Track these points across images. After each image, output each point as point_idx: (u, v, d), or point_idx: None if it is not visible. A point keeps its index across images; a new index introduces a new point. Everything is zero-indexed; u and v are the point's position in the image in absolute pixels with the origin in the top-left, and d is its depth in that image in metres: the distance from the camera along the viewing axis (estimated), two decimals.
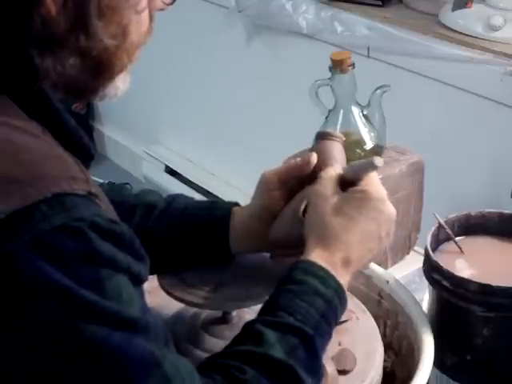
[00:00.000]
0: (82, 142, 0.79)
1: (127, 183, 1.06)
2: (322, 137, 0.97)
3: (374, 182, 0.91)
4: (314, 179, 0.93)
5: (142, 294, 0.74)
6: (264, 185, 0.97)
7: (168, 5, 0.83)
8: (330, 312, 0.84)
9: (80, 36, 0.75)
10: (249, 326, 0.82)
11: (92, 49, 0.76)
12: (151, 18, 0.82)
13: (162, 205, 1.01)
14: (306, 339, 0.80)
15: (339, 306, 0.85)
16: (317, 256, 0.86)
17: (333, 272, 0.86)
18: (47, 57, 0.74)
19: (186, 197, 1.04)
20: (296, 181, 0.96)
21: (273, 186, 0.97)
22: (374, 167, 0.89)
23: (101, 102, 3.40)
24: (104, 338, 0.68)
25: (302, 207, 0.93)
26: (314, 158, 0.95)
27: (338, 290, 0.85)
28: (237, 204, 1.01)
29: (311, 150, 0.97)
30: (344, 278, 0.87)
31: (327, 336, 0.84)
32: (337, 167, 0.93)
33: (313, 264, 0.85)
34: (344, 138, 0.98)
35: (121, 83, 0.84)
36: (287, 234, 0.94)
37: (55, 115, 0.77)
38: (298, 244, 0.90)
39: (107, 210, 0.76)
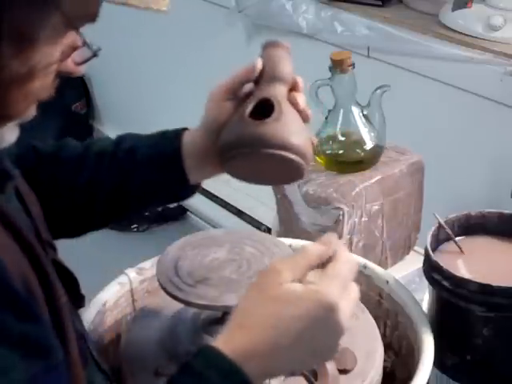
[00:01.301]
0: None
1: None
2: (268, 45, 0.95)
3: (329, 283, 0.76)
4: (260, 86, 0.90)
5: (46, 366, 0.65)
6: (213, 98, 0.94)
7: (78, 65, 0.76)
8: None
9: None
10: None
11: None
12: (55, 77, 0.73)
13: (110, 149, 0.98)
14: None
15: None
16: (228, 342, 0.74)
17: (241, 365, 0.73)
18: None
19: (135, 135, 1.01)
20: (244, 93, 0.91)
21: (221, 98, 0.93)
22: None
23: (101, 102, 3.41)
24: None
25: (249, 108, 0.89)
26: (259, 62, 0.91)
27: None
28: (186, 129, 0.98)
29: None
30: (256, 376, 0.74)
31: None
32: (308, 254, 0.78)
33: (218, 354, 0.73)
34: (289, 47, 0.94)
35: (7, 134, 0.74)
36: (234, 137, 0.88)
37: None
38: (244, 146, 0.85)
39: None
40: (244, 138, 0.86)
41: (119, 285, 1.11)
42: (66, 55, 0.73)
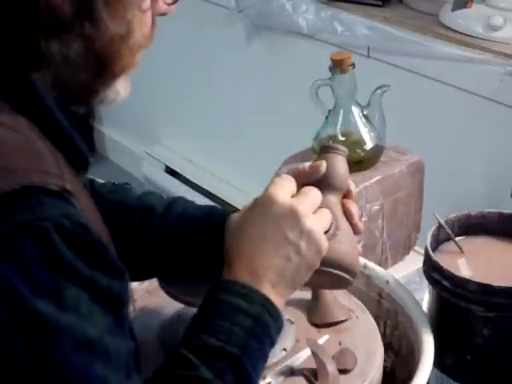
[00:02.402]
0: (73, 144, 0.76)
1: (127, 183, 1.05)
2: (325, 150, 0.95)
3: (267, 190, 0.85)
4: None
5: (118, 317, 0.69)
6: None
7: (170, 5, 0.81)
8: (259, 329, 0.79)
9: (85, 23, 0.73)
10: (174, 351, 0.78)
11: (96, 38, 0.74)
12: (153, 22, 0.81)
13: (160, 209, 0.98)
14: (233, 360, 0.76)
15: (270, 321, 0.80)
16: (231, 271, 0.82)
17: (258, 287, 0.80)
18: (53, 41, 0.72)
19: (186, 201, 1.01)
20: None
21: None
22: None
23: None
24: (60, 358, 0.63)
25: None
26: (324, 166, 0.91)
27: (266, 305, 0.80)
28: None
29: (315, 161, 0.95)
30: (269, 289, 0.81)
31: (260, 355, 0.79)
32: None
33: (235, 283, 0.81)
34: (348, 152, 0.95)
35: (121, 87, 0.81)
36: None
37: (45, 113, 0.73)
38: None
39: (85, 211, 0.71)
40: None
41: None
42: None
